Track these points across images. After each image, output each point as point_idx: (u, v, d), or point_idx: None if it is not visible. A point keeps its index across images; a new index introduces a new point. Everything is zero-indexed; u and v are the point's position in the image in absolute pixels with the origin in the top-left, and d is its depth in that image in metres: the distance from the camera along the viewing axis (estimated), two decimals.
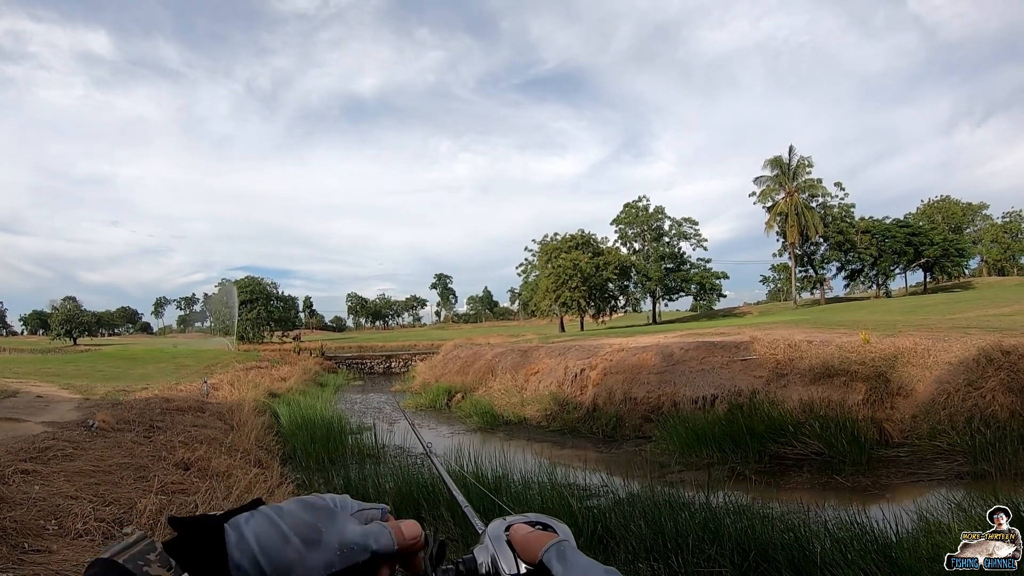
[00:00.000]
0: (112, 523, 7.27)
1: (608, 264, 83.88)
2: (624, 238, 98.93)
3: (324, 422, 19.92)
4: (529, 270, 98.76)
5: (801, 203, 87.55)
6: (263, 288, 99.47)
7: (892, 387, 16.94)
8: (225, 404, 21.83)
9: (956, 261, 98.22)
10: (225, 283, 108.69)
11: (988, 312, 31.28)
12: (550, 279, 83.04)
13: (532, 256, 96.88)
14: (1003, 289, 61.22)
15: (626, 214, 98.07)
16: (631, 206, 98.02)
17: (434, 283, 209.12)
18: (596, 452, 18.85)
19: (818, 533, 7.92)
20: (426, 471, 13.24)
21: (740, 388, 19.14)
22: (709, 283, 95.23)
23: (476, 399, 27.83)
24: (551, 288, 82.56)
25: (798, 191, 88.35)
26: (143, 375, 33.49)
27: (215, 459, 12.08)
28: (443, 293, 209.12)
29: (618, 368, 23.34)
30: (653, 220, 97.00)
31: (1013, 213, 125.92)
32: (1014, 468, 12.63)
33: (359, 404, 33.10)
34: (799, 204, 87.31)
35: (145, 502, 8.00)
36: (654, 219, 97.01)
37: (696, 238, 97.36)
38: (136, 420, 15.10)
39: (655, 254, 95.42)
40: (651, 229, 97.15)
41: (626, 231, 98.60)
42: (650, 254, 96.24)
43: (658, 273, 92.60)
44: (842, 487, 13.12)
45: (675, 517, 8.79)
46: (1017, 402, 15.10)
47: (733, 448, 15.87)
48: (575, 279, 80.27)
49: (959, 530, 7.63)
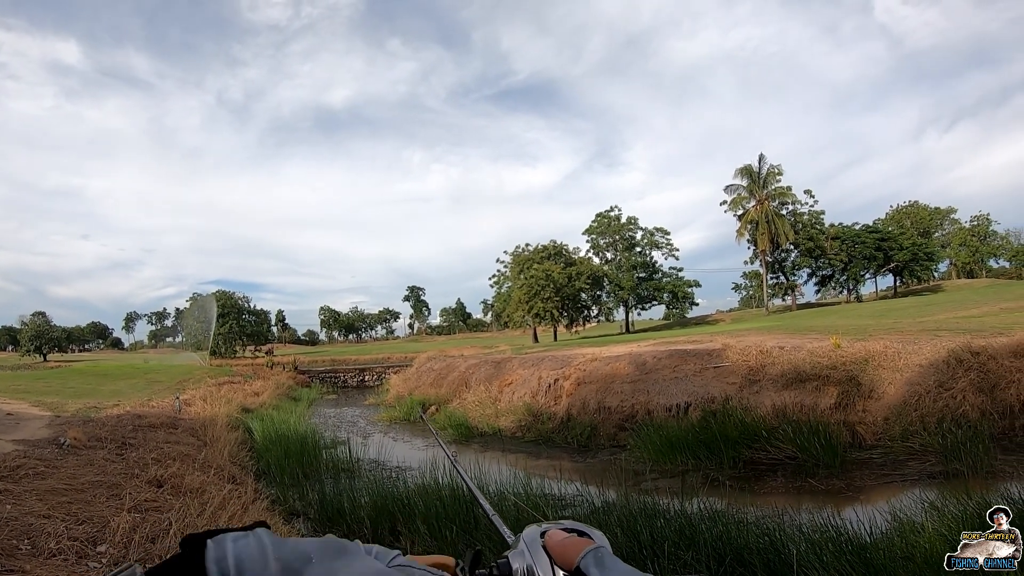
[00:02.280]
0: (85, 542, 7.13)
1: (580, 274, 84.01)
2: (596, 248, 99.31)
3: (298, 437, 19.74)
4: (502, 281, 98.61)
5: (771, 211, 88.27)
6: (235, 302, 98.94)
7: (864, 390, 17.05)
8: (198, 420, 21.58)
9: (925, 265, 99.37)
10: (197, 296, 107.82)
11: (958, 314, 31.64)
12: (523, 290, 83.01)
13: (504, 267, 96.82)
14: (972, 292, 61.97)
15: (598, 224, 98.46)
16: (603, 216, 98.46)
17: (407, 295, 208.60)
18: (571, 462, 18.77)
19: (793, 536, 7.91)
20: (401, 485, 13.14)
21: (713, 395, 19.16)
22: (681, 292, 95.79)
23: (450, 411, 27.67)
24: (524, 299, 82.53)
25: (768, 199, 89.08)
26: (115, 391, 33.02)
27: (188, 475, 11.90)
28: (416, 305, 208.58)
29: (591, 378, 23.31)
30: (625, 230, 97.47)
31: (981, 216, 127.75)
32: (986, 467, 12.74)
33: (333, 418, 32.84)
34: (769, 212, 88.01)
35: (118, 520, 7.84)
36: (626, 229, 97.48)
37: (668, 247, 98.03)
38: (108, 437, 14.82)
39: (627, 264, 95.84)
40: (623, 239, 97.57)
41: (598, 241, 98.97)
42: (622, 264, 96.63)
43: (630, 282, 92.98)
44: (816, 490, 13.14)
45: (651, 524, 8.74)
46: (987, 402, 15.28)
47: (707, 455, 15.84)
48: (548, 290, 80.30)
49: (932, 529, 7.69)
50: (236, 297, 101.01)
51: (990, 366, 16.22)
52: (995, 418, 15.03)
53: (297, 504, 13.53)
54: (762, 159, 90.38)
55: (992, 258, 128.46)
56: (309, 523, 12.29)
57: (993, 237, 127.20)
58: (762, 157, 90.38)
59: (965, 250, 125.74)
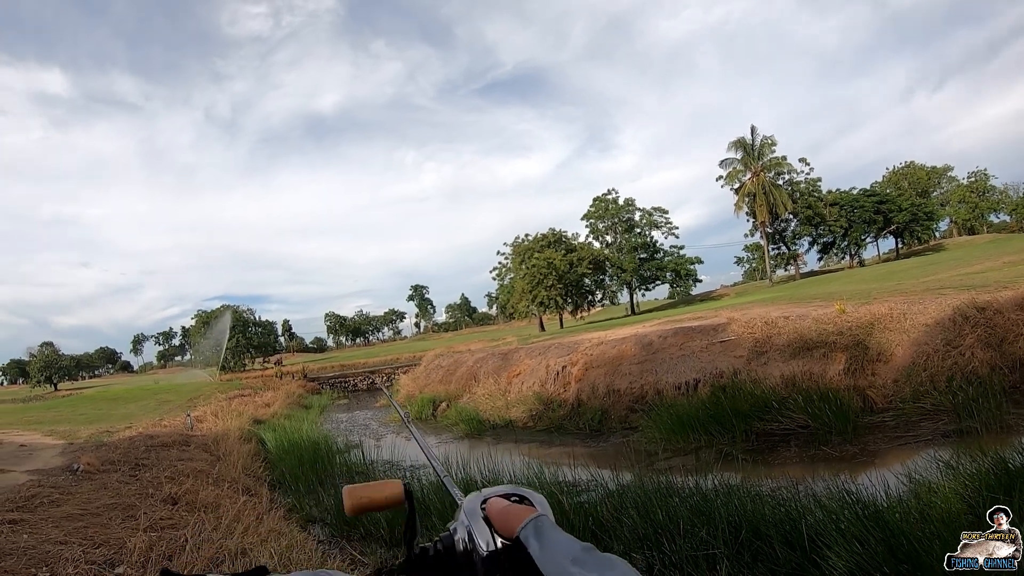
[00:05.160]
0: (103, 564, 7.15)
1: (582, 260, 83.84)
2: (596, 232, 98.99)
3: (311, 444, 19.77)
4: (503, 273, 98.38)
5: (768, 182, 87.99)
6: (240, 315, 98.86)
7: (871, 354, 16.99)
8: (210, 435, 21.61)
9: (925, 225, 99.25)
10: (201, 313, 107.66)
11: (960, 272, 31.52)
12: (525, 280, 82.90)
13: (505, 259, 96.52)
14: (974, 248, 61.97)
15: (596, 208, 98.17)
16: (600, 200, 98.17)
17: (411, 295, 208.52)
18: (583, 447, 18.77)
19: (808, 506, 7.86)
20: (416, 484, 13.11)
21: (721, 370, 19.12)
22: (684, 269, 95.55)
23: (461, 407, 27.68)
24: (527, 289, 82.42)
25: (764, 170, 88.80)
26: (126, 414, 33.15)
27: (202, 491, 11.93)
28: (421, 304, 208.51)
29: (599, 362, 23.27)
30: (623, 212, 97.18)
31: (978, 172, 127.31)
32: (999, 422, 12.73)
33: (345, 423, 32.95)
34: (766, 183, 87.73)
35: (135, 540, 7.86)
36: (624, 211, 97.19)
37: (667, 226, 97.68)
38: (121, 460, 14.88)
39: (628, 245, 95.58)
40: (622, 221, 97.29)
41: (597, 225, 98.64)
42: (623, 246, 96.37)
43: (632, 264, 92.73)
44: (830, 457, 13.12)
45: (666, 504, 8.71)
46: (996, 356, 15.25)
47: (719, 430, 15.82)
48: (550, 278, 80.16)
49: (949, 488, 7.64)
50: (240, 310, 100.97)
51: (996, 320, 16.18)
52: (1005, 372, 15.01)
53: (314, 511, 13.49)
54: (754, 131, 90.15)
55: (992, 213, 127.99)
56: (326, 529, 12.26)
57: (992, 192, 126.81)
58: (754, 129, 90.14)
59: (964, 207, 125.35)
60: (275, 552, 7.71)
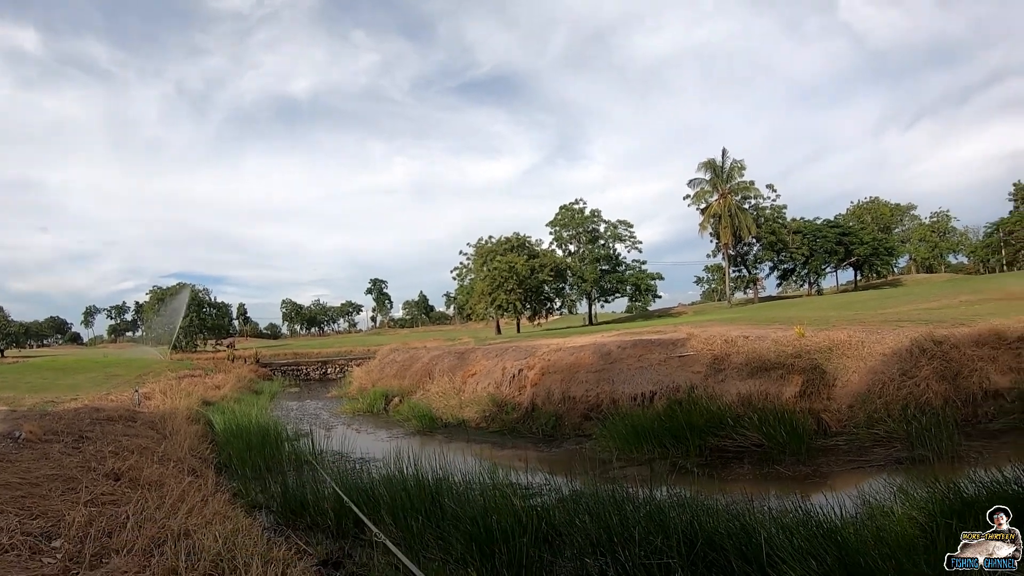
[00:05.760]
0: (40, 536, 6.84)
1: (544, 266, 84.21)
2: (559, 240, 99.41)
3: (260, 429, 19.43)
4: (464, 273, 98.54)
5: (734, 205, 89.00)
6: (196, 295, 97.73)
7: (828, 379, 17.17)
8: (157, 413, 21.23)
9: (885, 260, 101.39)
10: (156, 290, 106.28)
11: (918, 307, 31.95)
12: (486, 282, 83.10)
13: (467, 260, 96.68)
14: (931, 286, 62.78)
15: (562, 216, 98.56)
16: (567, 208, 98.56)
17: (369, 288, 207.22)
18: (536, 451, 18.69)
19: (763, 521, 7.84)
20: (365, 476, 12.98)
21: (678, 384, 19.14)
22: (644, 284, 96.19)
23: (414, 402, 27.48)
24: (487, 291, 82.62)
25: (731, 193, 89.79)
26: (72, 385, 32.55)
27: (147, 468, 11.59)
28: (379, 298, 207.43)
29: (556, 368, 23.22)
30: (589, 223, 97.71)
31: (941, 213, 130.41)
32: (951, 452, 12.92)
33: (295, 411, 32.60)
34: (732, 206, 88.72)
35: (74, 514, 7.53)
36: (590, 221, 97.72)
37: (631, 240, 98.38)
38: (65, 431, 14.45)
39: (590, 256, 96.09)
40: (587, 231, 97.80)
41: (561, 233, 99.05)
42: (585, 256, 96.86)
43: (593, 275, 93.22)
44: (783, 476, 13.19)
45: (620, 511, 8.65)
46: (950, 389, 15.52)
47: (673, 443, 15.82)
48: (511, 281, 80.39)
49: (902, 512, 7.67)
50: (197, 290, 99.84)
51: (952, 355, 16.45)
52: (958, 406, 15.27)
53: (259, 497, 13.23)
54: (725, 153, 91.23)
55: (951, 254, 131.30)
56: (272, 516, 12.03)
57: (952, 233, 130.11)
58: (725, 152, 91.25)
59: (925, 245, 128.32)
60: (219, 536, 7.46)
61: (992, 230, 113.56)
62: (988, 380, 15.90)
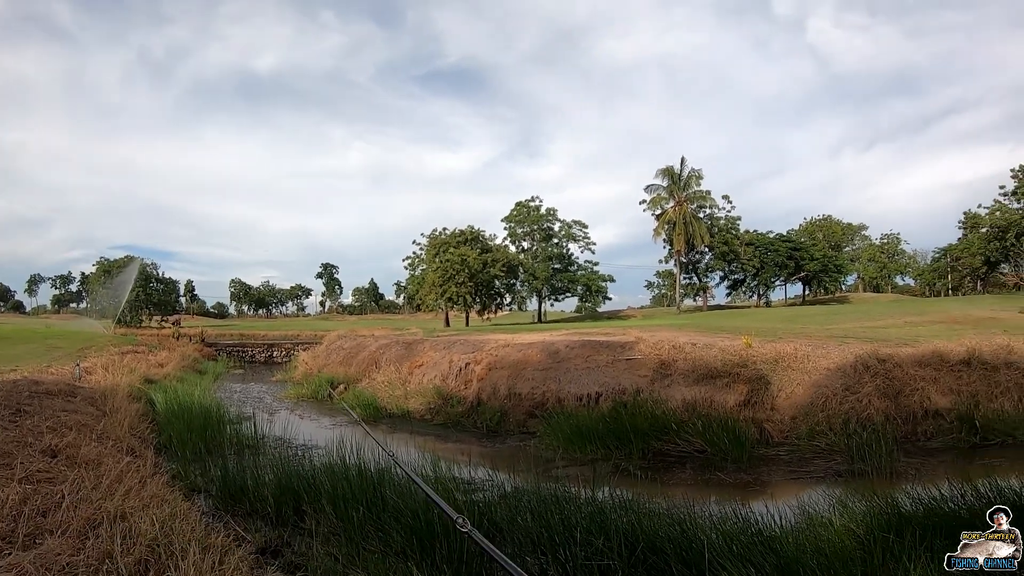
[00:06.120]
0: None
1: (496, 261, 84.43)
2: (513, 236, 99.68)
3: (202, 410, 18.99)
4: (416, 263, 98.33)
5: (689, 213, 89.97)
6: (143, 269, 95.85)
7: (773, 389, 17.31)
8: (98, 389, 20.68)
9: (834, 276, 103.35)
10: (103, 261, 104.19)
11: (864, 324, 32.48)
12: (437, 273, 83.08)
13: (420, 250, 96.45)
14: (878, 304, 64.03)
15: (518, 212, 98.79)
16: (523, 205, 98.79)
17: (320, 272, 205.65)
18: (480, 446, 18.62)
19: (704, 527, 7.83)
20: (307, 464, 12.76)
21: (624, 386, 19.18)
22: (596, 285, 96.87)
23: (359, 391, 27.26)
24: (438, 282, 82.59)
25: (687, 201, 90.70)
26: (12, 356, 31.65)
27: (85, 446, 11.22)
28: (329, 283, 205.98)
29: (503, 364, 23.16)
30: (544, 221, 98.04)
31: (891, 235, 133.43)
32: (889, 468, 13.09)
33: (239, 393, 32.06)
34: (687, 214, 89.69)
35: (7, 491, 7.28)
36: (545, 220, 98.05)
37: (585, 240, 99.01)
38: (2, 403, 13.99)
39: (543, 254, 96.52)
40: (541, 229, 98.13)
41: (516, 230, 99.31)
42: (538, 254, 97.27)
43: (545, 273, 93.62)
44: (724, 483, 13.23)
45: (562, 511, 8.61)
46: (891, 407, 15.75)
47: (617, 445, 15.81)
48: (462, 274, 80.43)
49: (840, 524, 7.74)
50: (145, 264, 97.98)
51: (895, 373, 16.70)
52: (898, 423, 15.51)
53: (199, 480, 12.91)
54: (684, 162, 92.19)
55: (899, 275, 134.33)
56: (210, 500, 11.76)
57: (901, 256, 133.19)
58: (684, 160, 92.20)
59: (873, 265, 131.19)
60: (157, 519, 7.24)
61: (940, 255, 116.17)
62: (929, 400, 16.16)
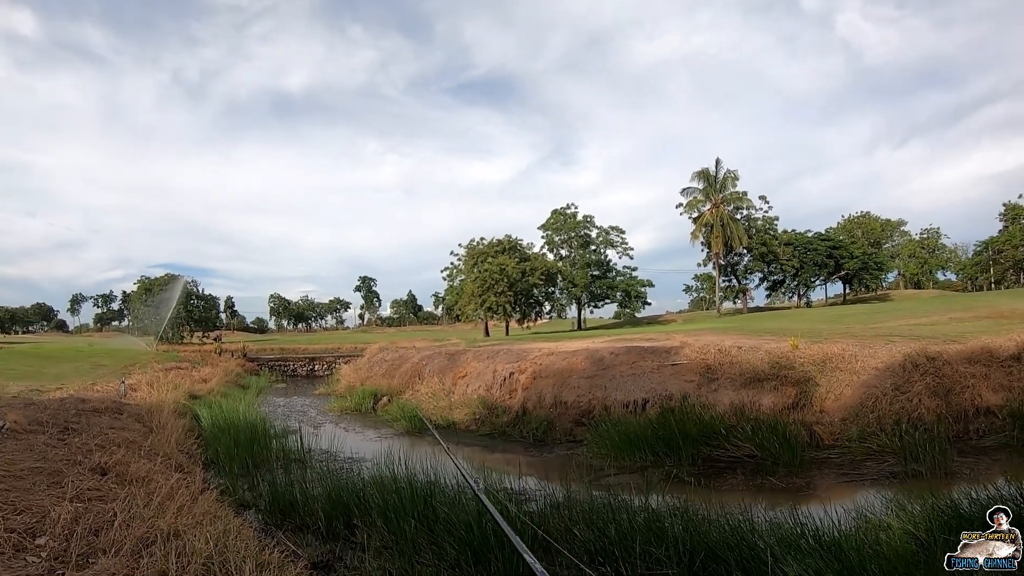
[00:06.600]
0: (23, 533, 6.68)
1: (534, 269, 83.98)
2: (551, 244, 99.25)
3: (247, 425, 19.28)
4: (455, 274, 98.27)
5: (726, 215, 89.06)
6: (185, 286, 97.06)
7: (821, 391, 17.23)
8: (144, 405, 21.06)
9: (875, 274, 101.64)
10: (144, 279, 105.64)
11: (908, 322, 32.02)
12: (476, 283, 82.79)
13: (458, 260, 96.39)
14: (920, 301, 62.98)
15: (554, 220, 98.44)
16: (559, 213, 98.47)
17: (358, 286, 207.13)
18: (527, 456, 18.62)
19: (762, 532, 7.83)
20: (355, 477, 12.87)
21: (671, 392, 19.16)
22: (634, 291, 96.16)
23: (402, 402, 27.40)
24: (477, 292, 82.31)
25: (724, 203, 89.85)
26: (58, 374, 32.23)
27: (134, 463, 11.43)
28: (367, 296, 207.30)
29: (548, 372, 23.19)
30: (581, 227, 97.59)
31: (931, 230, 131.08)
32: (943, 468, 12.97)
33: (282, 407, 32.37)
34: (724, 216, 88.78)
35: (59, 510, 7.39)
36: (582, 227, 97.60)
37: (623, 246, 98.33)
38: (49, 421, 14.28)
39: (581, 261, 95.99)
40: (578, 236, 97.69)
41: (553, 237, 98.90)
42: (576, 261, 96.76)
43: (584, 280, 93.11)
44: (776, 488, 13.17)
45: (617, 520, 8.62)
46: (942, 405, 15.56)
47: (666, 451, 15.81)
48: (501, 284, 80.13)
49: (899, 527, 7.68)
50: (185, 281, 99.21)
51: (945, 371, 16.51)
52: (950, 421, 15.32)
53: (247, 495, 13.10)
54: (719, 163, 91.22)
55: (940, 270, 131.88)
56: (260, 515, 11.89)
57: (942, 250, 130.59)
58: (719, 161, 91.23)
59: (914, 261, 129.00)
60: (211, 537, 7.36)
61: (982, 248, 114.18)
62: (980, 397, 15.95)
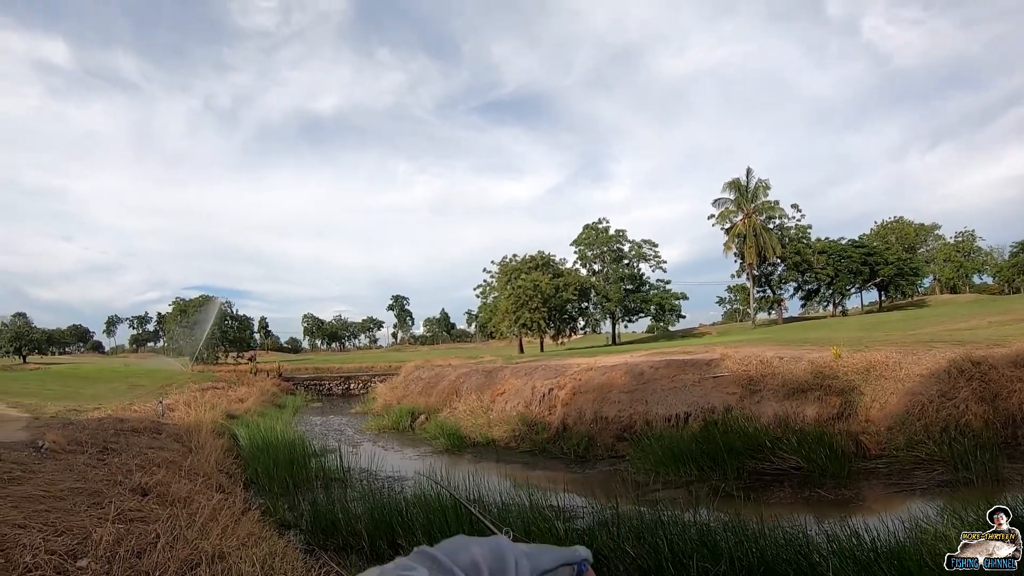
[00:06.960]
0: (65, 555, 6.69)
1: (568, 285, 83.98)
2: (584, 259, 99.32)
3: (286, 444, 19.43)
4: (488, 291, 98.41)
5: (759, 225, 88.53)
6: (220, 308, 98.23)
7: (866, 400, 17.02)
8: (182, 425, 21.29)
9: (911, 280, 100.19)
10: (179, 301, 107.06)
11: (948, 327, 31.71)
12: (509, 300, 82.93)
13: (491, 277, 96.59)
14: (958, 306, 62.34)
15: (586, 235, 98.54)
16: (591, 228, 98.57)
17: (391, 304, 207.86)
18: (569, 473, 18.61)
19: (819, 546, 7.75)
20: (397, 496, 12.91)
21: (713, 405, 19.05)
22: (668, 304, 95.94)
23: (440, 420, 27.43)
24: (511, 309, 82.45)
25: (756, 213, 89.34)
26: (95, 395, 32.71)
27: (175, 483, 11.52)
28: (400, 315, 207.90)
29: (587, 387, 23.15)
30: (613, 242, 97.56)
31: (965, 233, 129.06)
32: (994, 475, 12.78)
33: (319, 426, 32.58)
34: (757, 226, 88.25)
35: (101, 531, 7.42)
36: (614, 241, 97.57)
37: (655, 260, 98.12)
38: (89, 441, 14.47)
39: (615, 276, 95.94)
40: (611, 251, 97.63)
41: (585, 252, 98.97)
42: (610, 275, 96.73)
43: (618, 294, 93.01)
44: (825, 500, 13.06)
45: (667, 536, 8.57)
46: (990, 411, 15.31)
47: (711, 465, 15.69)
48: (535, 300, 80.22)
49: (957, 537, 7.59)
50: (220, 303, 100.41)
51: (991, 376, 16.25)
52: (998, 427, 15.05)
53: (288, 515, 13.15)
54: (750, 173, 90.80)
55: (976, 274, 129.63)
56: (301, 535, 11.94)
57: (977, 253, 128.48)
58: (750, 171, 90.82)
59: (949, 266, 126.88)
60: (257, 559, 7.40)
61: (1018, 249, 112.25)
62: None
